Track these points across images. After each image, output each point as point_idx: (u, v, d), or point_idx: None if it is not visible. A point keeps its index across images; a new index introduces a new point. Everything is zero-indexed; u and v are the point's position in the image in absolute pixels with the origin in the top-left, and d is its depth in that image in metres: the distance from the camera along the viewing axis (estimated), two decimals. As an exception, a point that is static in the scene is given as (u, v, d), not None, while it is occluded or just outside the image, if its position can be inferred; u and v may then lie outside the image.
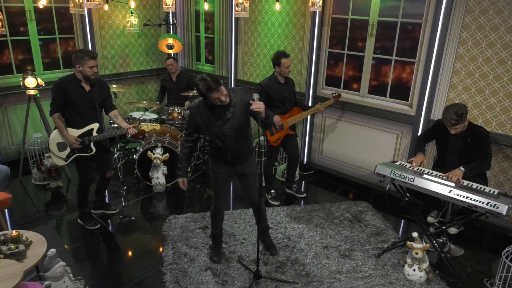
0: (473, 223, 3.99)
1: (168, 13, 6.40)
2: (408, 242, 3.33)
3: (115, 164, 5.14)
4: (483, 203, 2.93)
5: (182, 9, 6.58)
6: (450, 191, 3.07)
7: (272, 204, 4.55)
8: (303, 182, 5.27)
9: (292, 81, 4.52)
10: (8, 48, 5.06)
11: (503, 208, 2.84)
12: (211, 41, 6.36)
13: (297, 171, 5.26)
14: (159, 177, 4.71)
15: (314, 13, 4.85)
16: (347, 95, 4.94)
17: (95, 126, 3.70)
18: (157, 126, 3.94)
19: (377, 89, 4.70)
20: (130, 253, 3.70)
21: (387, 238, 3.94)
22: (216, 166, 3.28)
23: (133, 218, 4.29)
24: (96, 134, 3.70)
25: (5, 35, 4.96)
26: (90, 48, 5.75)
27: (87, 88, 3.62)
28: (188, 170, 5.06)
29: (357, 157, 5.03)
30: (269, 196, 4.62)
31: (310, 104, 5.19)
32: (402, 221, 4.37)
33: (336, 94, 4.70)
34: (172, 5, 4.65)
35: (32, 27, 5.19)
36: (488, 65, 3.81)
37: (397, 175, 3.36)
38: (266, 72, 5.65)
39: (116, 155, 5.22)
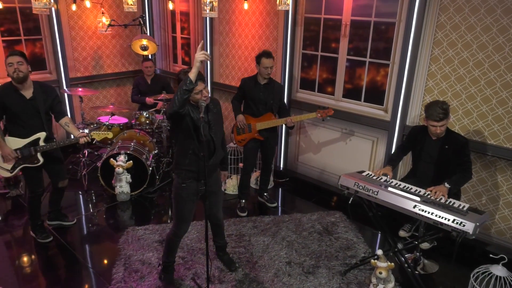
0: (450, 236, 3.72)
1: (143, 13, 6.19)
2: (372, 260, 3.08)
3: (81, 171, 4.93)
4: (449, 220, 2.67)
5: (158, 8, 6.35)
6: (414, 206, 2.82)
7: (239, 215, 4.31)
8: (279, 189, 5.02)
9: (279, 87, 4.22)
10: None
11: (469, 227, 2.59)
12: (188, 42, 6.13)
13: (271, 178, 5.03)
14: (122, 185, 4.48)
15: (286, 12, 4.60)
16: (322, 99, 4.69)
17: (42, 135, 3.44)
18: (109, 135, 3.69)
19: (351, 93, 4.45)
20: (79, 269, 3.46)
21: (357, 253, 3.68)
22: (187, 185, 2.86)
23: (91, 229, 4.07)
24: (43, 144, 3.45)
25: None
26: (59, 50, 5.54)
27: (27, 95, 3.35)
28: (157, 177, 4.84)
29: (333, 163, 4.77)
30: (238, 206, 4.38)
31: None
32: (379, 233, 4.11)
33: (326, 109, 4.12)
34: (133, 5, 4.42)
35: (-6, 28, 5.00)
36: (464, 67, 3.55)
37: (360, 187, 3.10)
38: (241, 74, 5.40)
39: (82, 161, 5.00)
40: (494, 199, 3.64)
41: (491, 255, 2.72)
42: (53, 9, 5.33)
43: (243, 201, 4.37)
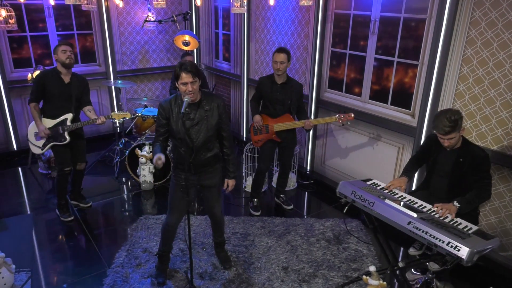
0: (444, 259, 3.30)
1: (189, 9, 6.37)
2: (364, 277, 2.85)
3: (116, 159, 5.23)
4: (443, 242, 2.36)
5: (204, 5, 6.48)
6: (409, 223, 2.54)
7: (252, 214, 4.26)
8: (302, 192, 4.86)
9: (298, 86, 4.01)
10: (27, 43, 5.41)
11: (464, 252, 2.26)
12: (228, 38, 6.18)
13: (294, 179, 4.90)
14: (145, 175, 4.67)
15: (316, 8, 4.41)
16: (349, 100, 4.43)
17: (69, 116, 3.82)
18: (127, 115, 3.96)
19: (378, 95, 4.14)
20: (87, 249, 3.69)
21: (362, 266, 3.43)
22: (177, 174, 2.96)
23: (110, 214, 4.31)
24: (69, 124, 3.82)
25: (24, 31, 5.32)
26: (108, 44, 5.92)
27: (66, 80, 3.78)
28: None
29: (359, 169, 4.49)
30: (250, 205, 4.33)
31: (313, 109, 4.77)
32: (401, 248, 3.77)
33: (343, 116, 3.92)
34: (162, 1, 4.55)
35: (50, 23, 5.48)
36: (499, 70, 3.10)
37: (357, 196, 2.88)
38: (274, 71, 5.31)
39: (117, 149, 5.31)
40: (530, 223, 3.15)
41: (491, 287, 2.36)
42: (103, 5, 5.71)
43: (256, 200, 4.31)
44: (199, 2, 5.40)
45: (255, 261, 3.49)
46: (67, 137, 3.84)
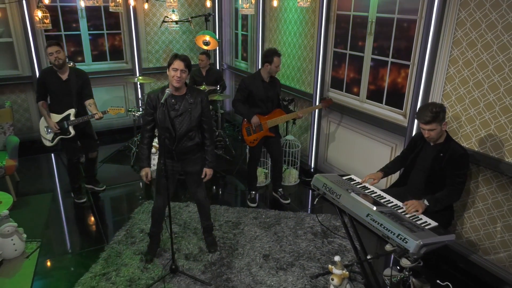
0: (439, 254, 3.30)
1: (213, 11, 6.69)
2: (329, 266, 2.96)
3: (133, 149, 5.65)
4: (394, 234, 2.44)
5: (226, 7, 6.77)
6: (367, 215, 2.63)
7: (249, 206, 4.46)
8: (303, 188, 4.99)
9: (278, 81, 4.33)
10: (62, 41, 5.97)
11: (411, 244, 2.33)
12: (246, 39, 6.42)
13: (296, 176, 5.04)
14: (154, 164, 5.01)
15: (320, 9, 4.54)
16: (348, 99, 4.51)
17: (72, 111, 4.10)
18: (122, 110, 4.23)
19: (374, 94, 4.19)
20: (94, 226, 4.09)
21: (342, 260, 3.51)
22: (159, 162, 3.24)
23: (118, 197, 4.69)
24: (73, 119, 4.12)
25: (59, 30, 5.89)
26: (135, 43, 6.38)
27: (64, 77, 4.03)
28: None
29: (357, 168, 4.55)
30: (248, 197, 4.53)
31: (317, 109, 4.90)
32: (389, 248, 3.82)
33: (327, 98, 4.51)
34: (174, 3, 4.87)
35: (83, 23, 6.01)
36: (483, 71, 3.09)
37: (327, 189, 3.00)
38: (284, 71, 5.48)
39: (135, 140, 5.73)
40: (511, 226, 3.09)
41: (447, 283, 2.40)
42: (131, 7, 6.17)
43: (253, 192, 4.50)
44: (209, 4, 5.68)
45: (239, 247, 3.69)
46: (71, 131, 4.12)
